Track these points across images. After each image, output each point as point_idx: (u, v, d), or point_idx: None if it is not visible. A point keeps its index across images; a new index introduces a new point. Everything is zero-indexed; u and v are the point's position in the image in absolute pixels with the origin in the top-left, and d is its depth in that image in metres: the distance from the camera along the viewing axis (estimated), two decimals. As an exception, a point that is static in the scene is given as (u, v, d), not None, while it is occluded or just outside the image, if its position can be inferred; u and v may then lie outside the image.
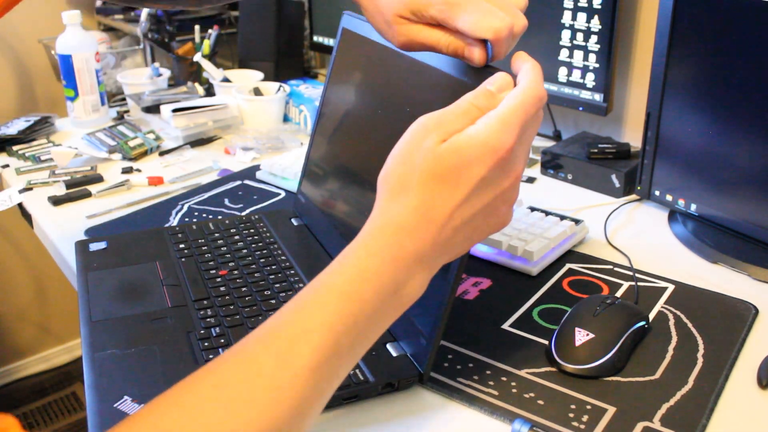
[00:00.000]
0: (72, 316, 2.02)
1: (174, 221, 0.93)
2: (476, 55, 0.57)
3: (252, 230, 0.86)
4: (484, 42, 0.56)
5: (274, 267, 0.78)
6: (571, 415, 0.58)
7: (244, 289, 0.73)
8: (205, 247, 0.82)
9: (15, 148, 1.19)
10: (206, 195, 1.02)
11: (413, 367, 0.61)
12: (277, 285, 0.74)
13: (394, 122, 0.70)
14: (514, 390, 0.61)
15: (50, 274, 1.95)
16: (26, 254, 1.93)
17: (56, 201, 0.99)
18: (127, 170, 1.10)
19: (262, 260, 0.79)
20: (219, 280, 0.75)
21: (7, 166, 1.14)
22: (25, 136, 1.22)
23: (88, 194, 1.02)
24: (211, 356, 0.63)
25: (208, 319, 0.68)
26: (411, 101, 0.68)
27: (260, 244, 0.83)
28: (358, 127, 0.79)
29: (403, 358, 0.63)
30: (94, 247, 0.82)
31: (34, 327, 2.02)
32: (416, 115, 0.67)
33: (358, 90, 0.80)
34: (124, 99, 1.43)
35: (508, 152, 0.47)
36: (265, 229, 0.86)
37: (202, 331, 0.66)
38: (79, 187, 1.03)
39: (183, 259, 0.79)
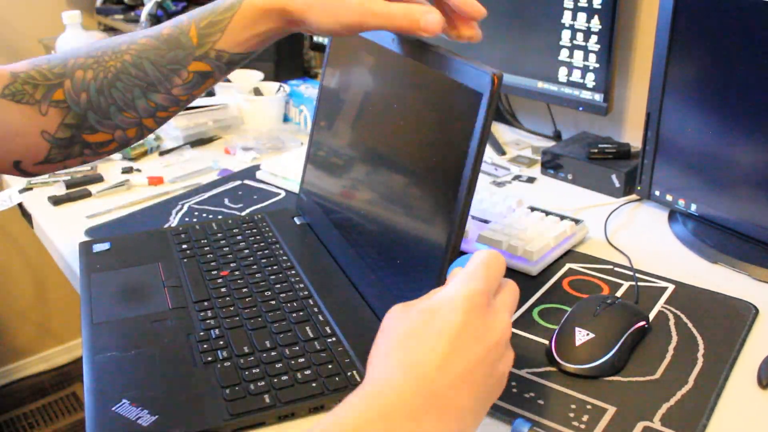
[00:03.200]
0: (72, 316, 2.02)
1: (174, 221, 0.93)
2: (431, 20, 0.56)
3: (254, 230, 0.86)
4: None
5: (275, 267, 0.77)
6: (572, 414, 0.58)
7: (244, 290, 0.73)
8: (207, 248, 0.82)
9: (15, 148, 1.18)
10: (206, 195, 1.02)
11: None
12: (278, 285, 0.74)
13: (385, 119, 0.71)
14: (514, 390, 0.61)
15: (50, 274, 1.95)
16: (26, 254, 1.93)
17: (56, 201, 0.99)
18: (127, 170, 1.10)
19: (263, 260, 0.79)
20: (220, 280, 0.75)
21: (7, 166, 1.14)
22: (25, 136, 1.22)
23: (88, 194, 1.02)
24: (209, 358, 0.62)
25: (208, 321, 0.68)
26: (399, 96, 0.68)
27: (262, 243, 0.83)
28: (352, 125, 0.79)
29: None
30: (98, 248, 0.82)
31: (34, 327, 2.02)
32: (402, 111, 0.67)
33: (352, 88, 0.80)
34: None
35: (480, 297, 0.46)
36: (267, 228, 0.86)
37: (201, 333, 0.66)
38: (79, 187, 1.03)
39: (185, 260, 0.79)
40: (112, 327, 0.67)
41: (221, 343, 0.65)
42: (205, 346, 0.64)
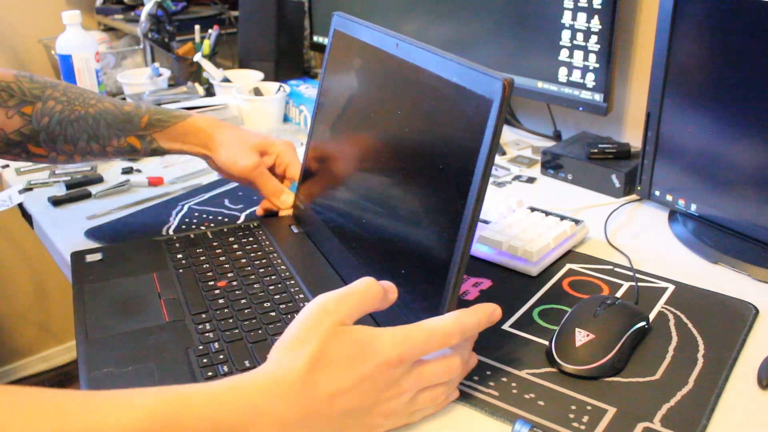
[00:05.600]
0: (72, 317, 2.02)
1: (174, 222, 0.93)
2: (283, 203, 0.90)
3: (251, 239, 0.84)
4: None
5: (273, 277, 0.76)
6: (572, 415, 0.58)
7: (243, 301, 0.71)
8: (203, 258, 0.80)
9: (15, 148, 1.18)
10: (206, 195, 1.02)
11: None
12: (277, 296, 0.72)
13: (389, 125, 0.70)
14: (514, 391, 0.61)
15: (50, 274, 1.95)
16: (26, 254, 1.93)
17: (56, 201, 0.99)
18: (127, 171, 1.10)
19: (261, 270, 0.77)
20: (218, 292, 0.73)
21: (7, 166, 1.14)
22: (25, 137, 1.22)
23: (88, 195, 1.02)
24: (210, 373, 0.61)
25: (207, 334, 0.66)
26: (404, 103, 0.68)
27: (259, 253, 0.81)
28: (353, 132, 0.78)
29: None
30: (90, 258, 0.81)
31: (34, 327, 2.02)
32: (407, 118, 0.67)
33: (352, 94, 0.79)
34: (124, 99, 1.43)
35: (397, 362, 0.51)
36: (264, 237, 0.85)
37: (200, 347, 0.64)
38: (79, 188, 1.03)
39: (180, 270, 0.77)
40: (107, 342, 0.66)
41: (221, 357, 0.63)
42: (204, 360, 0.62)
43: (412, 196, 0.65)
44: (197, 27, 1.52)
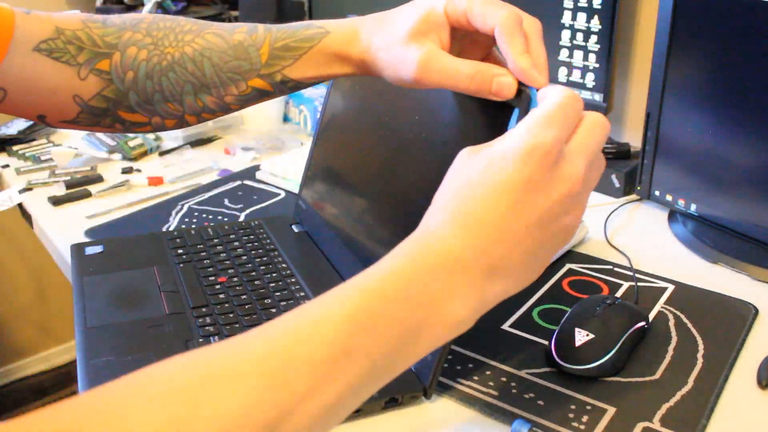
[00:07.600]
0: (72, 317, 2.01)
1: (174, 221, 0.93)
2: (505, 84, 0.51)
3: (252, 236, 0.84)
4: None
5: (274, 275, 0.76)
6: (571, 415, 0.58)
7: (243, 296, 0.72)
8: (204, 253, 0.80)
9: (15, 148, 1.19)
10: (206, 195, 1.02)
11: (418, 381, 0.60)
12: (278, 293, 0.73)
13: (400, 130, 0.69)
14: (514, 390, 0.61)
15: (50, 274, 1.95)
16: (26, 254, 1.93)
17: (56, 201, 0.99)
18: (127, 170, 1.10)
19: (262, 267, 0.78)
20: (218, 287, 0.73)
21: (7, 166, 1.14)
22: (25, 136, 1.22)
23: (88, 194, 1.02)
24: None
25: (207, 327, 0.67)
26: (421, 109, 0.66)
27: (260, 251, 0.81)
28: (362, 136, 0.78)
29: (407, 370, 0.62)
30: (90, 251, 0.81)
31: (34, 327, 2.02)
32: (424, 124, 0.66)
33: (362, 98, 0.78)
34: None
35: (551, 146, 0.42)
36: (264, 235, 0.85)
37: (200, 340, 0.65)
38: (79, 187, 1.03)
39: (181, 265, 0.78)
40: (106, 331, 0.66)
41: None
42: None
43: (425, 202, 0.64)
44: (197, 27, 1.51)
